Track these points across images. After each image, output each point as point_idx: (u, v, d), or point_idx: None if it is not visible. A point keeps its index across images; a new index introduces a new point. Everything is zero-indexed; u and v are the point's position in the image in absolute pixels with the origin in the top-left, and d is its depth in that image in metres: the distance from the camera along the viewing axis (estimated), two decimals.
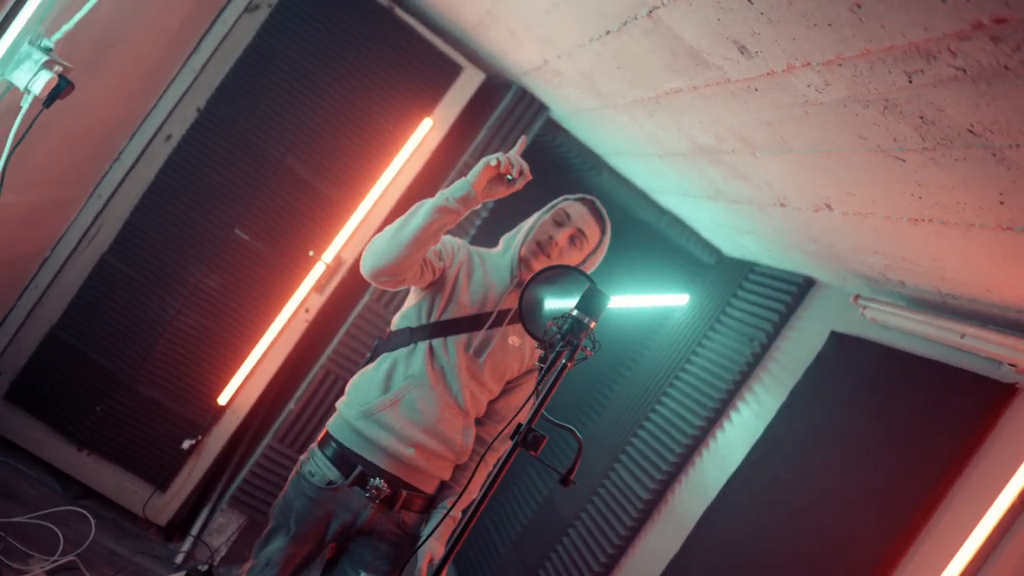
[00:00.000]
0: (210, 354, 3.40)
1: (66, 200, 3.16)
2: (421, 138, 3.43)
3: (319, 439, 2.04)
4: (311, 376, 3.42)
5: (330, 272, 3.44)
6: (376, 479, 1.94)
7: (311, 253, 3.42)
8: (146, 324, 3.33)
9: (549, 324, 1.62)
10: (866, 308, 2.68)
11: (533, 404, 1.56)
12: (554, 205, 2.10)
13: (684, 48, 1.83)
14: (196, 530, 3.41)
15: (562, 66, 2.71)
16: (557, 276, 1.80)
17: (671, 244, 4.20)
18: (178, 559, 3.32)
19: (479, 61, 3.45)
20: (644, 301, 4.40)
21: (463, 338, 2.00)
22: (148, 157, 3.29)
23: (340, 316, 3.53)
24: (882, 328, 2.67)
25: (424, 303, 2.02)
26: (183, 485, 3.44)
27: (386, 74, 3.36)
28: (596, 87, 2.66)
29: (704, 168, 2.68)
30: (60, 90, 1.90)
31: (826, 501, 2.50)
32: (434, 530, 1.96)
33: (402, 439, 1.94)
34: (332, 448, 1.99)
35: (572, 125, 3.56)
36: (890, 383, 2.56)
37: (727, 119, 2.08)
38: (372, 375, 2.01)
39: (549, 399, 1.54)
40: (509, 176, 1.79)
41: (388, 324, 3.00)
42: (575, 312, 1.59)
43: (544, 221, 2.07)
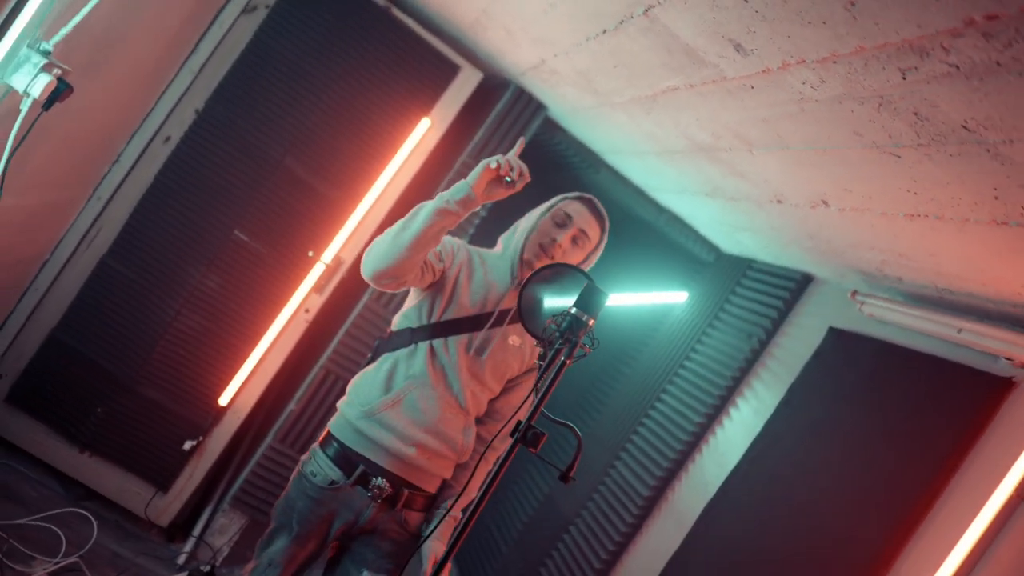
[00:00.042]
0: (210, 355, 3.40)
1: (65, 202, 3.16)
2: (419, 138, 3.44)
3: (320, 439, 2.05)
4: (312, 376, 3.42)
5: (330, 272, 3.45)
6: (378, 478, 1.95)
7: (310, 253, 3.42)
8: (146, 325, 3.34)
9: (548, 322, 1.63)
10: (864, 304, 2.69)
11: (533, 401, 1.57)
12: (553, 204, 2.10)
13: (680, 46, 1.83)
14: (198, 531, 3.42)
15: (559, 65, 2.72)
16: (555, 275, 1.81)
17: (669, 241, 4.21)
18: (180, 560, 3.32)
19: (477, 61, 3.46)
20: (643, 299, 4.42)
21: (464, 338, 2.01)
22: (147, 159, 3.29)
23: (340, 316, 3.54)
24: (880, 324, 2.68)
25: (424, 304, 2.03)
26: (185, 486, 3.45)
27: (384, 74, 3.36)
28: (593, 86, 2.66)
29: (701, 165, 2.69)
30: (59, 93, 1.90)
31: (825, 496, 2.51)
32: (434, 529, 1.97)
33: (404, 439, 1.95)
34: (334, 448, 1.99)
35: (570, 124, 3.57)
36: (888, 378, 2.57)
37: (724, 117, 2.08)
38: (373, 375, 2.02)
39: (549, 396, 1.55)
40: (508, 178, 1.80)
41: (388, 324, 3.01)
42: (574, 310, 1.60)
43: (544, 222, 2.07)
